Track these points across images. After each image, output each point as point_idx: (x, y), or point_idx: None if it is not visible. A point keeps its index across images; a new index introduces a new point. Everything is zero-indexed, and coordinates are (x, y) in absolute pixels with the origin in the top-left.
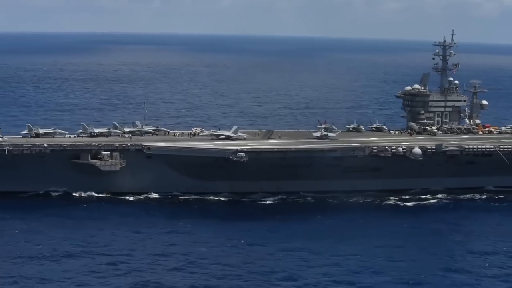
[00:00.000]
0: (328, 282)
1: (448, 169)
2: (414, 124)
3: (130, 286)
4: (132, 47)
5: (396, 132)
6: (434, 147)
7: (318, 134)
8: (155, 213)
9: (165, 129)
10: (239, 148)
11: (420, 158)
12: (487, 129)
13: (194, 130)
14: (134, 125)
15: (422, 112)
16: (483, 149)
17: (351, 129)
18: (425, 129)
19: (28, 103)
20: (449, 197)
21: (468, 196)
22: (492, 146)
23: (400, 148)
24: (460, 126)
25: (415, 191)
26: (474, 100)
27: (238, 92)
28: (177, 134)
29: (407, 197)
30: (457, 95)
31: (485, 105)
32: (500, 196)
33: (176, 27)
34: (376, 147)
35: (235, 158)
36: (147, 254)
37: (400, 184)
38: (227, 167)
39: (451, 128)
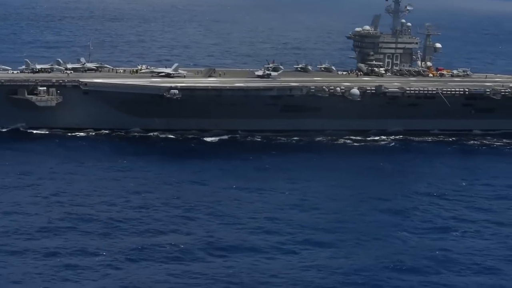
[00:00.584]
0: (263, 219)
1: (390, 111)
2: (362, 65)
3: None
4: None
5: (344, 73)
6: (374, 88)
7: (260, 73)
8: (97, 148)
9: (108, 66)
10: (173, 85)
11: (358, 99)
12: (439, 72)
13: (139, 68)
14: (78, 61)
15: (372, 53)
16: (425, 92)
17: (299, 69)
18: (372, 71)
19: (16, 40)
20: (393, 139)
21: (413, 138)
22: (435, 89)
23: (338, 89)
24: (410, 69)
25: (359, 131)
26: (427, 42)
27: (231, 32)
28: (121, 71)
29: (352, 137)
30: (409, 37)
31: (438, 48)
32: (446, 139)
33: None
34: (314, 87)
35: (168, 95)
36: (82, 188)
37: (340, 125)
38: (163, 104)
39: (400, 70)
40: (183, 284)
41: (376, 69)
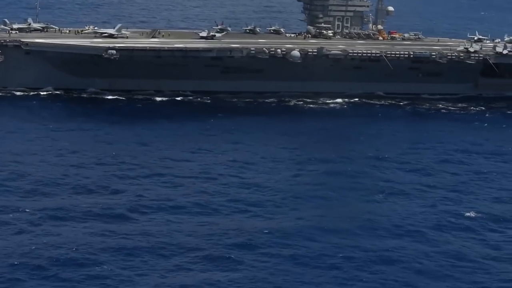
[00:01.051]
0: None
1: (334, 73)
2: (311, 27)
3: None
4: None
5: (292, 35)
6: (315, 50)
7: (204, 34)
8: (46, 108)
9: (54, 27)
10: (111, 45)
11: (299, 61)
12: (391, 35)
13: (86, 28)
14: (25, 21)
15: (321, 16)
16: (369, 54)
17: (247, 31)
18: (321, 33)
19: None
20: (345, 102)
21: (364, 100)
22: (379, 52)
23: (279, 50)
24: (359, 31)
25: (304, 94)
26: (379, 5)
27: None
28: (66, 32)
29: (305, 99)
30: (360, 0)
31: (391, 11)
32: (396, 103)
33: None
34: (254, 49)
35: (106, 56)
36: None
37: (284, 87)
38: (103, 64)
39: (349, 33)
40: (102, 242)
41: (324, 31)
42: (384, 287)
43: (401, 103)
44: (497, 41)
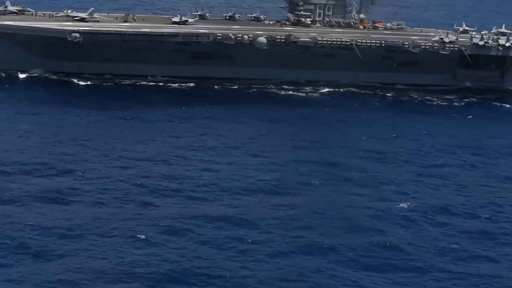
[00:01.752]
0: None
1: (304, 61)
2: (290, 15)
3: None
4: None
5: (271, 22)
6: (283, 37)
7: (176, 19)
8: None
9: (31, 10)
10: (75, 28)
11: (265, 47)
12: (375, 24)
13: (65, 12)
14: (2, 5)
15: (301, 3)
16: (338, 42)
17: (227, 17)
18: (299, 21)
19: None
20: (311, 89)
21: (333, 89)
22: (349, 40)
23: (246, 37)
24: (340, 20)
25: (275, 81)
26: None
27: None
28: (41, 15)
29: (284, 87)
30: None
31: (376, 0)
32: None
33: None
34: (220, 34)
35: (69, 38)
36: None
37: (253, 73)
38: (71, 47)
39: (329, 22)
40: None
41: (302, 19)
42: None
43: (376, 93)
44: (483, 32)
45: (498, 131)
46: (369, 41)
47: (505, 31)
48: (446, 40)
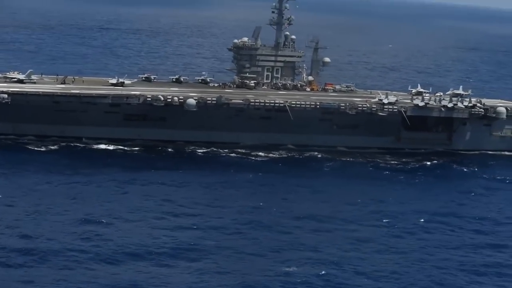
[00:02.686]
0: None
1: (240, 123)
2: (236, 77)
3: None
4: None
5: (216, 85)
6: (214, 99)
7: (114, 81)
8: None
9: None
10: (4, 90)
11: (194, 109)
12: (326, 87)
13: (2, 74)
14: None
15: (248, 66)
16: (272, 104)
17: (174, 80)
18: (243, 83)
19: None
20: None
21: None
22: (283, 102)
23: (176, 98)
24: (287, 82)
25: (211, 144)
26: (314, 56)
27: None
28: None
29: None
30: (291, 50)
31: (327, 62)
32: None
33: None
34: (150, 96)
35: None
36: None
37: (188, 136)
38: (3, 108)
39: (275, 84)
40: None
41: (247, 81)
42: None
43: (315, 156)
44: (438, 94)
45: (443, 194)
46: (304, 102)
47: (462, 92)
48: (385, 101)
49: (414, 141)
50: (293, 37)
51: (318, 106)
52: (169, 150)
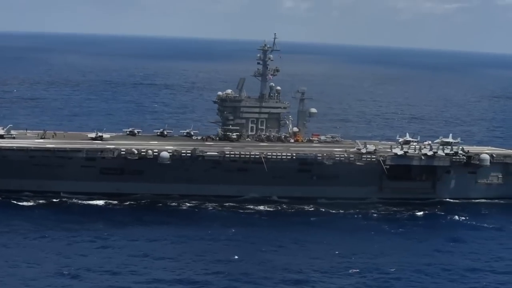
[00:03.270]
0: None
1: (218, 176)
2: (219, 130)
3: None
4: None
5: (199, 138)
6: (189, 151)
7: (92, 135)
8: None
9: None
10: None
11: (168, 162)
12: (312, 138)
13: None
14: None
15: (231, 118)
16: (247, 156)
17: (158, 133)
18: (226, 136)
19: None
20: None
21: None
22: (258, 153)
23: (150, 151)
24: (270, 134)
25: (191, 197)
26: (300, 107)
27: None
28: None
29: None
30: (276, 102)
31: (314, 112)
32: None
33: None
34: (124, 150)
35: None
36: None
37: (166, 189)
38: None
39: (258, 136)
40: None
41: (229, 134)
42: None
43: (296, 207)
44: (426, 143)
45: (424, 244)
46: (280, 154)
47: (451, 140)
48: (363, 150)
49: (397, 191)
50: (278, 88)
51: (294, 157)
52: (148, 203)
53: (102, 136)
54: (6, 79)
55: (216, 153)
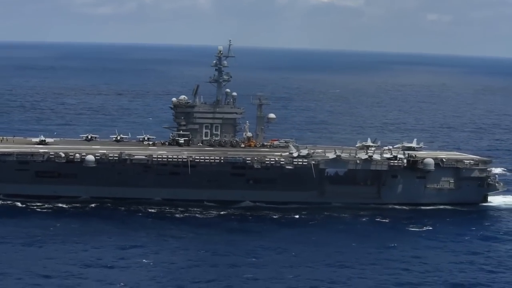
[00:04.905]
0: None
1: (151, 179)
2: (171, 135)
3: None
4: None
5: (151, 143)
6: (116, 155)
7: (37, 140)
8: None
9: None
10: None
11: (93, 165)
12: (270, 143)
13: None
14: None
15: (183, 123)
16: (174, 159)
17: (114, 139)
18: (175, 140)
19: None
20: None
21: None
22: (185, 157)
23: (78, 155)
24: (221, 139)
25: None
26: (258, 113)
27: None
28: None
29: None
30: (231, 107)
31: (272, 118)
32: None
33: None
34: (53, 153)
35: None
36: None
37: (101, 191)
38: None
39: (209, 141)
40: None
41: (178, 139)
42: None
43: (232, 212)
44: (386, 148)
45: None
46: (209, 157)
47: (415, 145)
48: (295, 154)
49: (340, 195)
50: (234, 94)
51: (222, 161)
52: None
53: (44, 140)
54: None
55: (144, 157)
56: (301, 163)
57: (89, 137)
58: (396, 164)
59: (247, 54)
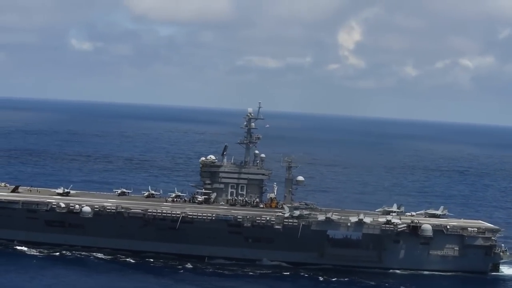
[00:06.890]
0: None
1: (149, 233)
2: (195, 192)
3: None
4: None
5: (169, 199)
6: (113, 208)
7: (60, 191)
8: None
9: None
10: None
11: (90, 216)
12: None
13: None
14: None
15: (208, 182)
16: (168, 214)
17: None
18: (193, 198)
19: None
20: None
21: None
22: (179, 212)
23: (77, 206)
24: (241, 199)
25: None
26: (287, 175)
27: None
28: None
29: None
30: (257, 168)
31: (301, 181)
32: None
33: None
34: (56, 203)
35: None
36: None
37: (106, 243)
38: None
39: (229, 200)
40: None
41: (197, 196)
42: None
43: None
44: (409, 214)
45: None
46: (201, 214)
47: (439, 212)
48: (286, 215)
49: (339, 258)
50: (263, 155)
51: (213, 218)
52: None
53: (69, 192)
54: None
55: (140, 210)
56: (291, 223)
57: (121, 192)
58: (387, 229)
59: None
